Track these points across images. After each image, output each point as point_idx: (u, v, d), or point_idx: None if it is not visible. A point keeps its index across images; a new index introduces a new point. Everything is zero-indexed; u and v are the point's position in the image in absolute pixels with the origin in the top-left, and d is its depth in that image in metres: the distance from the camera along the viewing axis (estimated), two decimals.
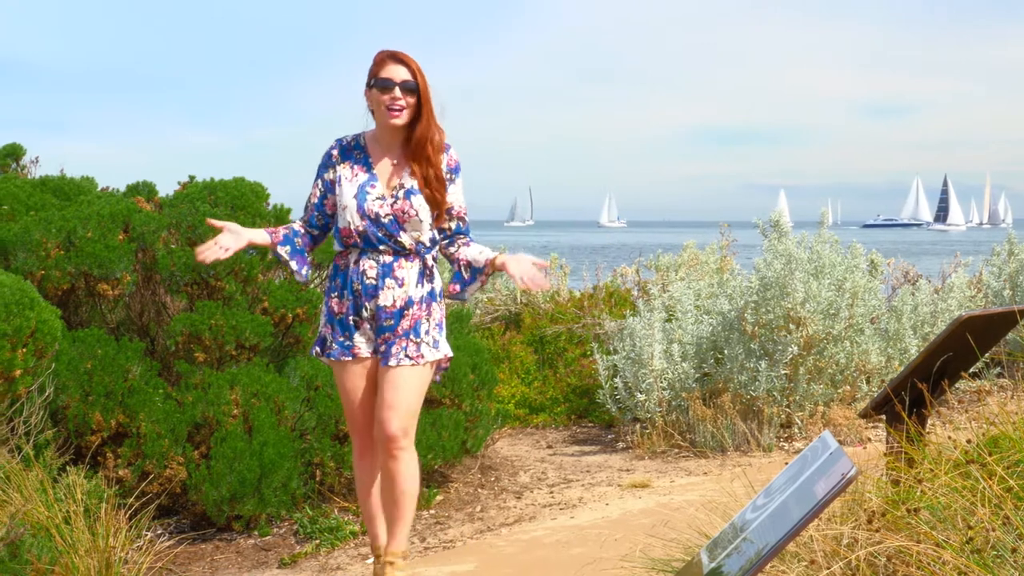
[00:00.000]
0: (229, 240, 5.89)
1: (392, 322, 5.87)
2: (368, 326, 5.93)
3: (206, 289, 8.49)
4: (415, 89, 5.81)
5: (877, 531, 4.67)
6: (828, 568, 4.62)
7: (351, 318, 5.94)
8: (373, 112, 5.97)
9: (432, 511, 8.45)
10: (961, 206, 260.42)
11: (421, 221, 5.86)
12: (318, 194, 6.05)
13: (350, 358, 5.97)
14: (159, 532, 7.70)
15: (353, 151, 6.00)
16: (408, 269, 5.89)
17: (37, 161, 11.67)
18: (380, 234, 5.84)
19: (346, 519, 7.99)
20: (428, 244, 5.93)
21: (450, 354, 6.09)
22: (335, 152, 6.03)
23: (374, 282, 5.86)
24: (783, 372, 10.19)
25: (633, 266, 16.18)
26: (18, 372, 5.12)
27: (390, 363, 5.85)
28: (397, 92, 5.78)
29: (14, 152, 11.49)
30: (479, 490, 9.08)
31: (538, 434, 11.63)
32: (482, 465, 9.68)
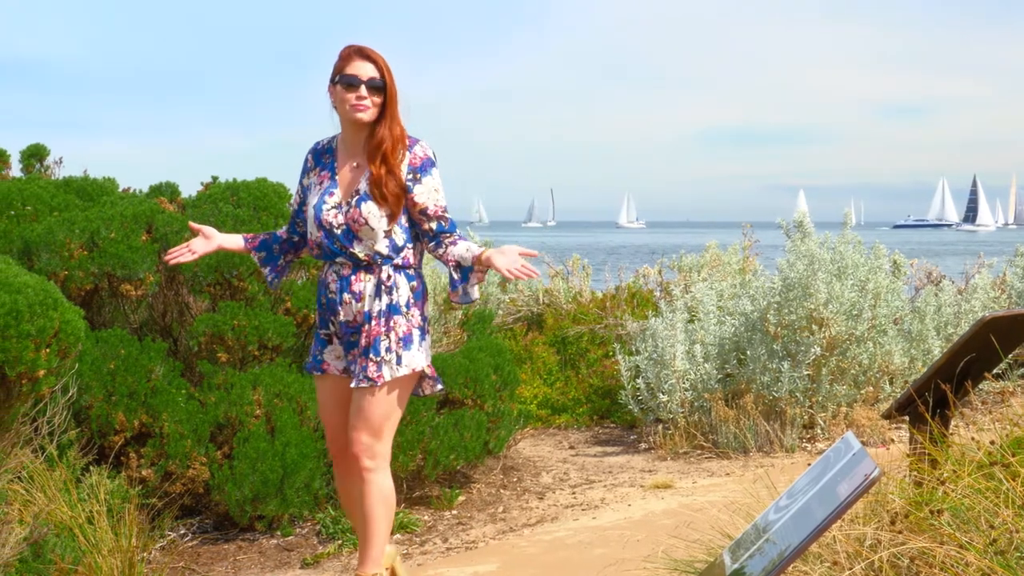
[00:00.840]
0: (199, 244, 5.81)
1: (356, 338, 5.69)
2: (337, 341, 5.79)
3: (229, 289, 8.50)
4: (382, 87, 5.58)
5: (900, 532, 4.66)
6: (851, 569, 4.62)
7: (322, 332, 5.82)
8: (337, 109, 5.70)
9: (454, 511, 8.46)
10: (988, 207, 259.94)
11: (373, 229, 5.58)
12: (298, 201, 5.91)
13: (320, 373, 5.86)
14: (182, 532, 7.72)
15: (324, 155, 5.81)
16: (366, 282, 5.65)
17: (60, 162, 11.70)
18: (334, 246, 5.64)
19: None
20: (386, 253, 5.65)
21: (418, 367, 5.75)
22: (310, 157, 5.86)
23: (334, 296, 5.69)
24: (806, 373, 10.18)
25: (655, 267, 16.17)
26: (42, 372, 5.14)
27: (352, 384, 5.68)
28: (363, 90, 5.54)
29: (38, 153, 11.52)
30: (501, 491, 9.08)
31: (560, 435, 11.63)
32: (504, 466, 9.68)
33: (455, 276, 5.72)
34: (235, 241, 5.95)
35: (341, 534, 7.69)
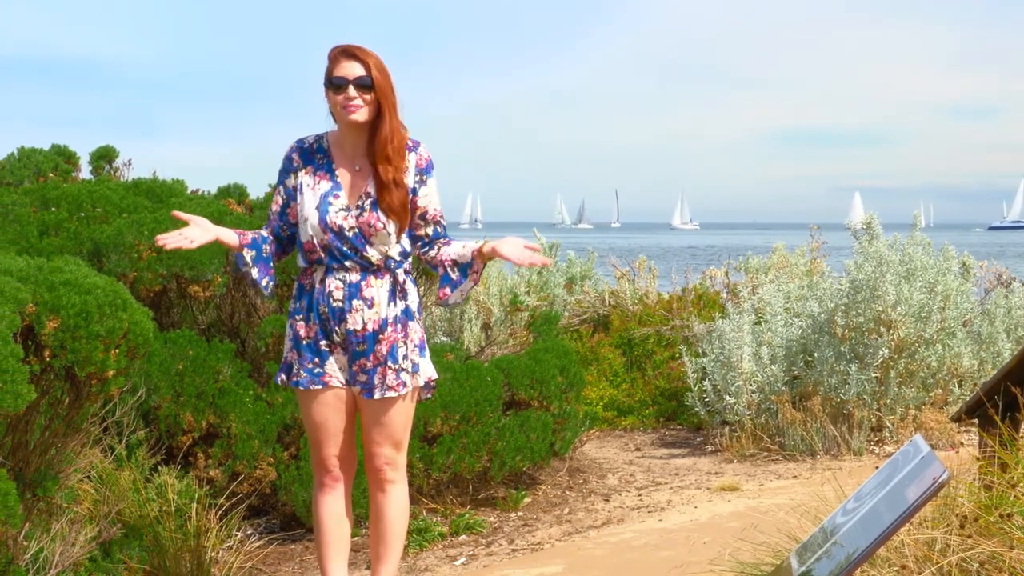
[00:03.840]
0: (196, 232, 5.37)
1: (366, 347, 5.38)
2: (341, 351, 5.44)
3: None
4: (371, 86, 5.32)
5: (969, 536, 4.63)
6: (919, 573, 4.59)
7: (322, 343, 5.43)
8: (332, 113, 5.48)
9: (520, 513, 8.46)
10: None
11: (389, 234, 5.37)
12: (280, 202, 5.57)
13: (320, 387, 5.45)
14: (249, 532, 7.76)
15: (315, 155, 5.52)
16: (378, 287, 5.38)
17: (130, 164, 11.77)
18: (345, 248, 5.36)
19: (434, 520, 8.01)
20: (398, 258, 5.44)
21: (434, 376, 5.61)
22: (295, 156, 5.54)
23: (341, 304, 5.37)
24: (873, 375, 10.12)
25: (722, 268, 16.13)
26: (111, 373, 5.16)
27: (374, 396, 5.41)
28: (351, 91, 5.30)
29: (107, 155, 11.60)
30: (567, 492, 9.08)
31: (626, 436, 11.62)
32: (570, 467, 9.67)
33: (452, 275, 5.53)
34: (230, 236, 5.51)
35: (407, 535, 7.70)
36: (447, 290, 5.56)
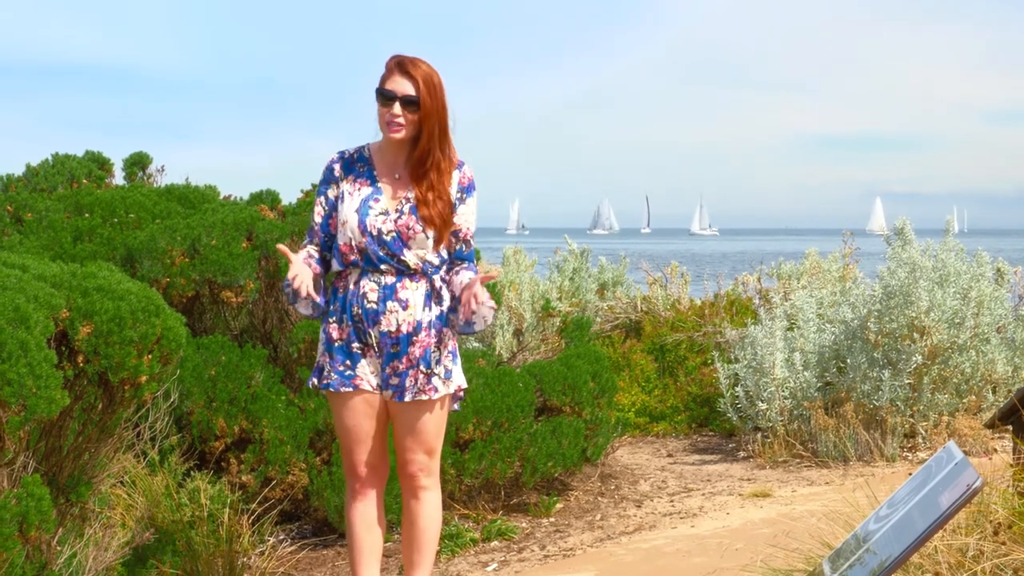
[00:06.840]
0: (308, 277, 5.33)
1: (399, 349, 5.37)
2: (374, 354, 5.43)
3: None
4: (417, 104, 5.32)
5: (1003, 543, 4.61)
6: None
7: (354, 345, 5.43)
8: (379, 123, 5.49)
9: (552, 519, 8.45)
10: None
11: (427, 239, 5.37)
12: (323, 213, 5.57)
13: (351, 389, 5.45)
14: (281, 537, 7.77)
15: (356, 164, 5.53)
16: (413, 291, 5.38)
17: (163, 170, 11.85)
18: (381, 252, 5.35)
19: (466, 526, 8.01)
20: (436, 263, 5.44)
21: (464, 385, 5.60)
22: (337, 167, 5.56)
23: (375, 306, 5.36)
24: (907, 381, 10.08)
25: (755, 274, 16.09)
26: (144, 378, 5.18)
27: (405, 398, 5.41)
28: (396, 108, 5.31)
29: (140, 161, 11.67)
30: (599, 498, 9.07)
31: (658, 443, 11.61)
32: (602, 473, 9.66)
33: (451, 304, 5.49)
34: (312, 268, 5.52)
35: (439, 541, 7.70)
36: (452, 316, 5.48)
